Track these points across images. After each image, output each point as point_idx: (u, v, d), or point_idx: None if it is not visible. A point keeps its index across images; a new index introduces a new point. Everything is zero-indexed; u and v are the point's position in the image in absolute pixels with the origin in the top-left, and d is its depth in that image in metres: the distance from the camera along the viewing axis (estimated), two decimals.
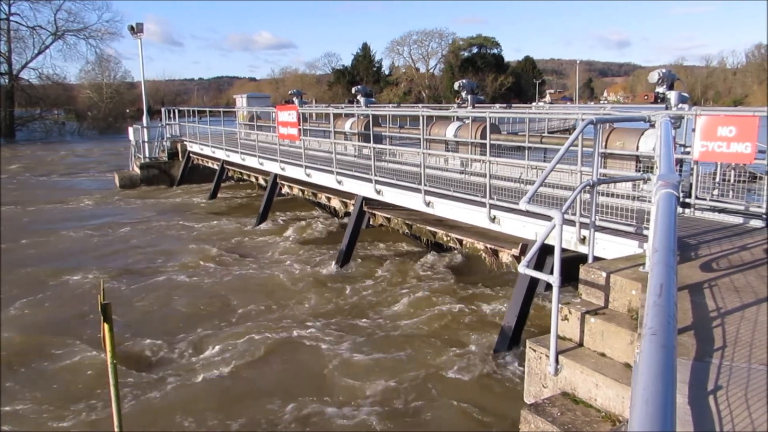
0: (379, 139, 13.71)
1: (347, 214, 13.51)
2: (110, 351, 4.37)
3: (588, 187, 5.21)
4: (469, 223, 8.73)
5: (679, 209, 6.74)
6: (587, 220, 5.68)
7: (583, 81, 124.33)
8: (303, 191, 14.99)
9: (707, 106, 72.19)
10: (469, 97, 12.59)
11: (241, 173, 19.52)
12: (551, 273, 4.23)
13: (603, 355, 4.23)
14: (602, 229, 6.24)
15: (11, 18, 54.03)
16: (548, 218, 4.39)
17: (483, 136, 9.35)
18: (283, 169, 14.72)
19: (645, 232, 5.80)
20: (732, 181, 6.92)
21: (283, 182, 15.52)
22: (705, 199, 6.84)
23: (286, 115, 13.85)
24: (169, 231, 15.40)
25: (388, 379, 7.00)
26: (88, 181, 25.96)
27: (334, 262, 11.76)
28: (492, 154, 8.17)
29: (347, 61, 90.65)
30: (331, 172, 12.20)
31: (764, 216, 6.26)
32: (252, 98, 26.15)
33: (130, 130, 25.16)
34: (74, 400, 6.62)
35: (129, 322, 8.85)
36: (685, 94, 8.36)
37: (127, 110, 62.74)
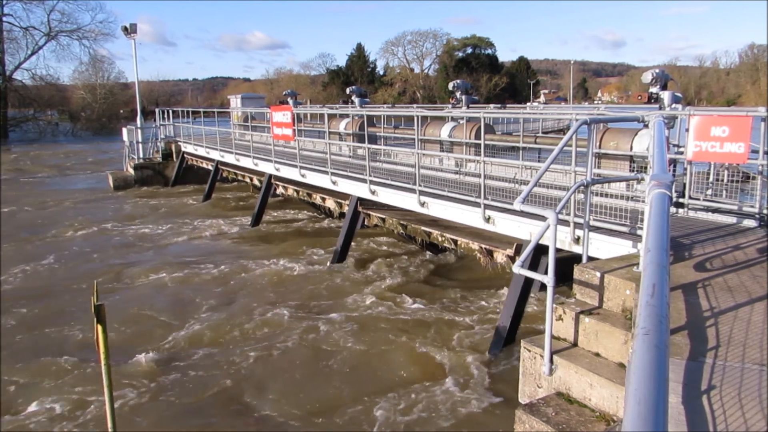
0: (373, 139, 13.70)
1: (342, 214, 13.50)
2: (103, 352, 4.34)
3: (582, 187, 5.22)
4: (464, 223, 8.74)
5: (673, 209, 6.77)
6: (581, 220, 5.70)
7: (577, 81, 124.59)
8: (298, 192, 14.96)
9: (701, 106, 72.51)
10: (463, 97, 12.59)
11: (235, 174, 19.47)
12: (546, 273, 4.23)
13: (597, 355, 4.24)
14: (596, 229, 6.26)
15: (4, 19, 53.59)
16: (543, 218, 4.39)
17: (477, 136, 9.35)
18: (277, 169, 14.69)
19: (639, 232, 5.81)
20: (725, 181, 6.95)
21: (277, 183, 15.50)
22: (698, 199, 6.86)
23: (281, 116, 13.83)
24: (163, 231, 15.34)
25: (381, 380, 6.99)
26: (82, 182, 25.84)
27: (329, 263, 11.75)
28: (486, 155, 8.18)
29: (341, 61, 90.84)
30: (326, 172, 12.18)
31: (757, 216, 6.28)
32: (246, 99, 26.06)
33: (124, 130, 25.07)
34: (68, 399, 6.59)
35: (119, 323, 8.81)
36: (679, 95, 8.39)
37: (121, 111, 62.50)
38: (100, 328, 4.22)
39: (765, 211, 6.27)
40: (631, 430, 1.32)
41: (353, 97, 15.76)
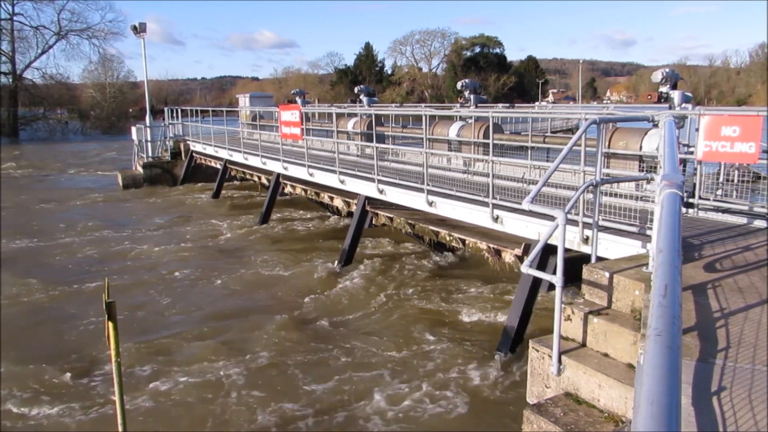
0: (381, 138, 13.69)
1: (350, 213, 13.50)
2: (114, 349, 4.38)
3: (591, 186, 5.20)
4: (472, 222, 8.73)
5: (683, 209, 6.73)
6: (590, 220, 5.68)
7: (585, 81, 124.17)
8: (306, 191, 14.99)
9: (711, 105, 71.98)
10: (471, 96, 12.57)
11: (243, 173, 19.54)
12: (554, 273, 4.22)
13: (606, 355, 4.23)
14: (605, 229, 6.23)
15: (15, 18, 54.20)
16: (551, 218, 4.38)
17: (486, 135, 9.33)
18: (285, 168, 14.72)
19: (648, 232, 5.79)
20: (736, 181, 6.91)
21: (285, 182, 15.52)
22: (708, 200, 6.82)
23: (289, 115, 13.85)
24: (171, 230, 15.42)
25: (387, 379, 6.99)
26: (91, 181, 26.01)
27: (336, 262, 11.76)
28: (495, 154, 8.16)
29: (350, 60, 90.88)
30: (334, 171, 12.19)
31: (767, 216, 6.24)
32: (255, 98, 26.16)
33: (133, 129, 25.20)
34: (78, 396, 6.64)
35: (130, 322, 8.87)
36: (689, 94, 8.33)
37: (130, 110, 62.85)
38: (111, 325, 4.25)
39: None
40: (644, 431, 1.32)
41: (361, 97, 15.77)
